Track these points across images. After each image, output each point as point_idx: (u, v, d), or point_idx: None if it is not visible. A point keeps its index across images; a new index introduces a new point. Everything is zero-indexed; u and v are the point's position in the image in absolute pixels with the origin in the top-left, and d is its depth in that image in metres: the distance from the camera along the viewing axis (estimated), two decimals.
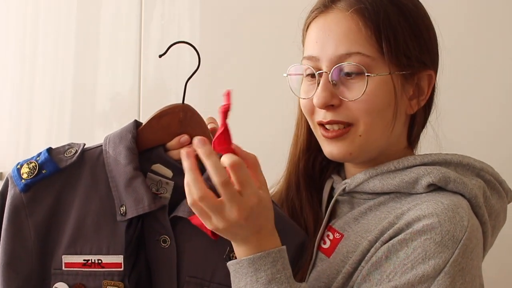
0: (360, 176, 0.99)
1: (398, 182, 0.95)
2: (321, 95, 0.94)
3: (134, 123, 1.00)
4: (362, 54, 0.93)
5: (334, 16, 0.95)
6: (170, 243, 0.95)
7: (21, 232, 0.94)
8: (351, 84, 0.94)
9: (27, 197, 0.94)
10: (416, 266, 0.85)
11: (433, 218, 0.87)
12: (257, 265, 0.86)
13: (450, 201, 0.90)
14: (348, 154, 0.96)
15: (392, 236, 0.90)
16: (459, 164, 0.97)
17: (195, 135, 0.95)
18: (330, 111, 0.95)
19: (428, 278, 0.84)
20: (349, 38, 0.93)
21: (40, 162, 0.96)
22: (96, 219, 0.95)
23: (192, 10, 1.80)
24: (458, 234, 0.86)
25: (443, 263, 0.85)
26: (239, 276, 0.87)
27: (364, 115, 0.94)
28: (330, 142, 0.97)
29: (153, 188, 0.97)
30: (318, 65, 0.96)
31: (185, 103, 1.00)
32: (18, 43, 1.93)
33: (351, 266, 0.92)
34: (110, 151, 0.97)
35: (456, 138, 1.15)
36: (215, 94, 1.75)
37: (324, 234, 1.01)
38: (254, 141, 1.73)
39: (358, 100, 0.93)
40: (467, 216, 0.88)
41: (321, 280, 0.95)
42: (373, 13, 0.93)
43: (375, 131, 0.95)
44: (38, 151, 1.94)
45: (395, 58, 0.94)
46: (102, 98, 1.86)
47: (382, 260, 0.88)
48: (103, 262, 0.94)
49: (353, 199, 1.02)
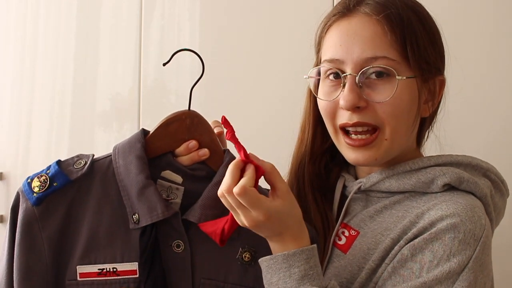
0: (376, 176, 1.03)
1: (414, 182, 0.99)
2: (349, 96, 0.96)
3: (141, 132, 1.02)
4: (388, 58, 0.95)
5: (359, 20, 0.98)
6: (184, 247, 0.97)
7: (35, 245, 0.95)
8: (378, 87, 0.96)
9: (39, 211, 0.95)
10: (442, 263, 0.90)
11: (456, 217, 0.91)
12: (292, 261, 0.89)
13: (466, 201, 0.95)
14: (374, 159, 0.99)
15: (416, 235, 0.94)
16: (468, 165, 1.02)
17: (202, 141, 1.01)
18: (356, 113, 0.97)
19: (453, 274, 0.89)
20: (375, 42, 0.96)
21: (51, 175, 0.97)
22: (109, 228, 0.97)
23: (192, 10, 1.80)
24: (478, 232, 0.91)
25: (467, 259, 0.90)
26: (272, 271, 0.91)
27: (390, 117, 0.96)
28: (357, 149, 0.99)
29: (163, 194, 0.99)
30: (342, 67, 0.98)
31: (191, 109, 1.03)
32: (18, 43, 1.92)
33: (374, 263, 0.96)
34: (120, 161, 0.99)
35: (456, 139, 1.16)
36: (215, 94, 1.77)
37: (338, 230, 1.04)
38: (253, 142, 1.73)
39: (385, 103, 0.95)
40: (483, 215, 0.94)
41: (343, 276, 0.99)
42: (398, 18, 0.96)
43: (400, 134, 0.98)
44: (38, 151, 1.96)
45: (417, 63, 0.97)
46: (102, 98, 1.85)
47: (408, 258, 0.93)
48: (118, 270, 0.96)
49: (367, 197, 1.05)
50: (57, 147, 1.89)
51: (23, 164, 1.92)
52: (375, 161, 0.99)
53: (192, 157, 1.01)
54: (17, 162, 1.92)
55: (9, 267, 0.96)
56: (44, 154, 1.89)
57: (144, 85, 1.82)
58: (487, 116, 1.56)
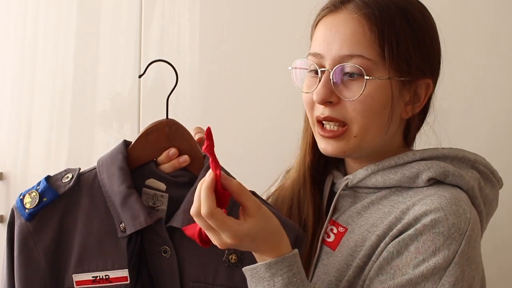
0: (362, 172, 1.04)
1: (399, 177, 1.00)
2: (321, 91, 0.98)
3: (123, 144, 1.05)
4: (364, 57, 0.96)
5: (342, 17, 0.99)
6: (170, 253, 1.01)
7: (32, 259, 1.00)
8: (350, 84, 0.97)
9: (33, 226, 1.00)
10: (427, 258, 0.90)
11: (440, 212, 0.91)
12: (274, 269, 0.89)
13: (451, 195, 0.95)
14: (342, 152, 1.01)
15: (401, 231, 0.94)
16: (455, 158, 1.02)
17: (182, 148, 1.04)
18: (328, 107, 0.99)
19: (440, 270, 0.89)
20: (353, 40, 0.97)
21: (40, 191, 1.01)
22: (99, 237, 1.01)
23: (192, 10, 1.80)
24: (463, 226, 0.91)
25: (452, 254, 0.90)
26: (256, 281, 0.91)
27: (359, 116, 0.98)
28: (327, 140, 1.01)
29: (150, 202, 1.03)
30: (322, 62, 1.00)
31: (169, 117, 1.05)
32: (18, 43, 1.92)
33: (361, 260, 0.96)
34: (103, 173, 1.03)
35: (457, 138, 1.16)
36: (215, 94, 1.77)
37: (327, 228, 1.05)
38: (254, 142, 1.74)
39: (355, 100, 0.97)
40: (469, 208, 0.94)
41: (331, 274, 0.99)
42: (379, 18, 0.97)
43: (369, 132, 0.99)
44: (38, 151, 1.96)
45: (396, 64, 0.97)
46: (102, 98, 1.85)
47: (394, 255, 0.93)
48: (111, 277, 1.01)
49: (355, 193, 1.06)
50: (57, 147, 1.89)
51: (23, 164, 1.92)
52: (343, 153, 1.01)
53: (173, 165, 1.04)
54: (17, 162, 1.92)
55: (9, 281, 1.01)
56: (44, 154, 1.90)
57: (144, 85, 1.82)
58: (487, 115, 1.56)
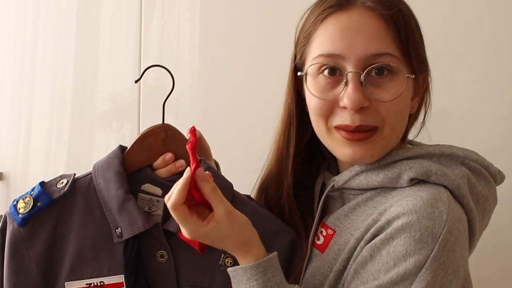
0: (346, 174, 1.00)
1: (382, 178, 0.96)
2: (355, 96, 0.91)
3: (119, 148, 1.04)
4: (393, 55, 0.92)
5: (360, 15, 0.93)
6: (167, 257, 1.00)
7: (23, 265, 0.98)
8: (382, 85, 0.92)
9: (25, 231, 0.98)
10: (397, 264, 0.86)
11: (412, 215, 0.87)
12: (249, 274, 0.89)
13: (430, 195, 0.89)
14: (370, 156, 0.95)
15: (375, 235, 0.91)
16: (442, 155, 0.98)
17: (178, 152, 1.04)
18: (359, 114, 0.92)
19: (410, 275, 0.85)
20: (379, 38, 0.91)
21: (35, 196, 1.00)
22: (94, 243, 1.00)
23: (192, 10, 1.80)
24: (437, 230, 0.86)
25: (424, 259, 0.85)
26: (236, 282, 0.92)
27: (393, 117, 0.93)
28: (353, 144, 0.94)
29: (145, 207, 1.03)
30: (340, 63, 0.93)
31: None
32: (18, 43, 1.92)
33: (341, 264, 0.94)
34: (100, 178, 1.02)
35: (456, 137, 1.16)
36: (215, 94, 1.77)
37: (317, 230, 1.02)
38: (254, 142, 1.73)
39: (391, 102, 0.92)
40: (446, 210, 0.88)
41: (316, 277, 0.97)
42: (399, 15, 0.93)
43: (396, 132, 0.96)
44: (38, 151, 1.95)
45: (417, 61, 0.95)
46: (102, 98, 1.86)
47: (368, 259, 0.90)
48: (105, 283, 0.99)
49: (343, 194, 1.03)
50: (57, 147, 1.89)
51: (23, 164, 1.92)
52: (371, 157, 0.95)
53: (169, 169, 1.03)
54: (17, 162, 1.92)
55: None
56: (44, 154, 1.90)
57: (144, 85, 1.82)
58: (489, 116, 1.56)
